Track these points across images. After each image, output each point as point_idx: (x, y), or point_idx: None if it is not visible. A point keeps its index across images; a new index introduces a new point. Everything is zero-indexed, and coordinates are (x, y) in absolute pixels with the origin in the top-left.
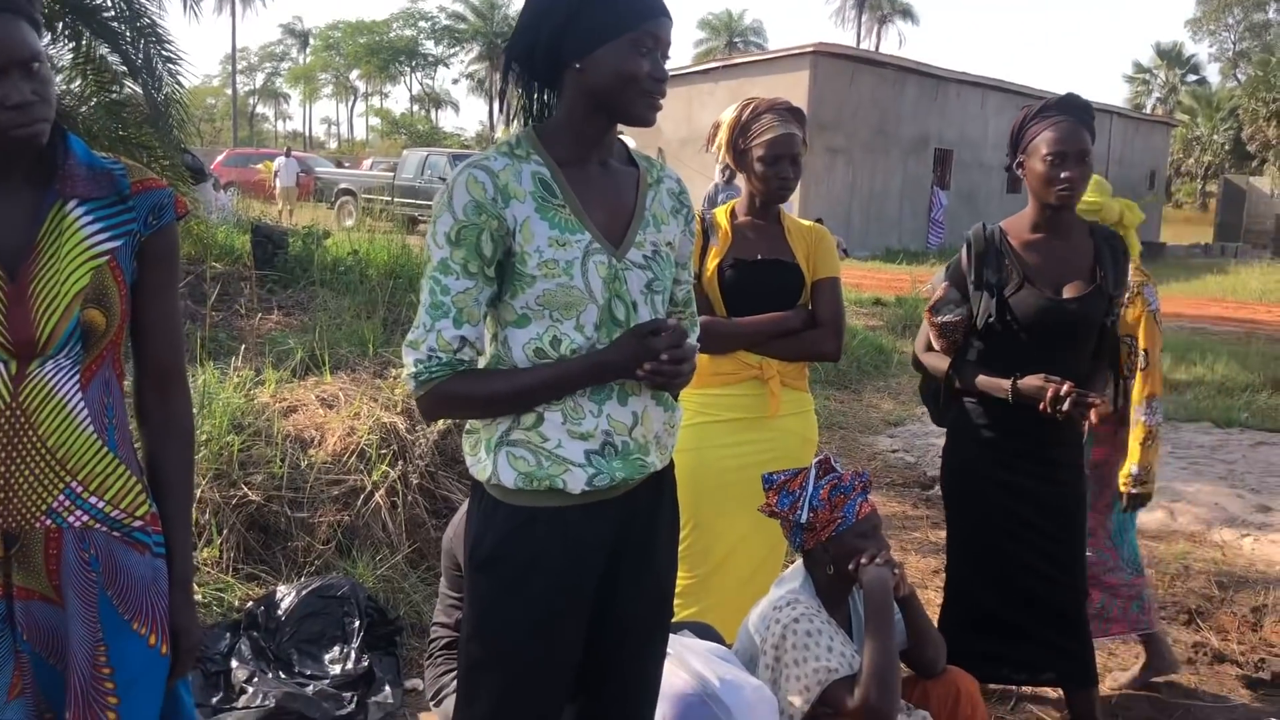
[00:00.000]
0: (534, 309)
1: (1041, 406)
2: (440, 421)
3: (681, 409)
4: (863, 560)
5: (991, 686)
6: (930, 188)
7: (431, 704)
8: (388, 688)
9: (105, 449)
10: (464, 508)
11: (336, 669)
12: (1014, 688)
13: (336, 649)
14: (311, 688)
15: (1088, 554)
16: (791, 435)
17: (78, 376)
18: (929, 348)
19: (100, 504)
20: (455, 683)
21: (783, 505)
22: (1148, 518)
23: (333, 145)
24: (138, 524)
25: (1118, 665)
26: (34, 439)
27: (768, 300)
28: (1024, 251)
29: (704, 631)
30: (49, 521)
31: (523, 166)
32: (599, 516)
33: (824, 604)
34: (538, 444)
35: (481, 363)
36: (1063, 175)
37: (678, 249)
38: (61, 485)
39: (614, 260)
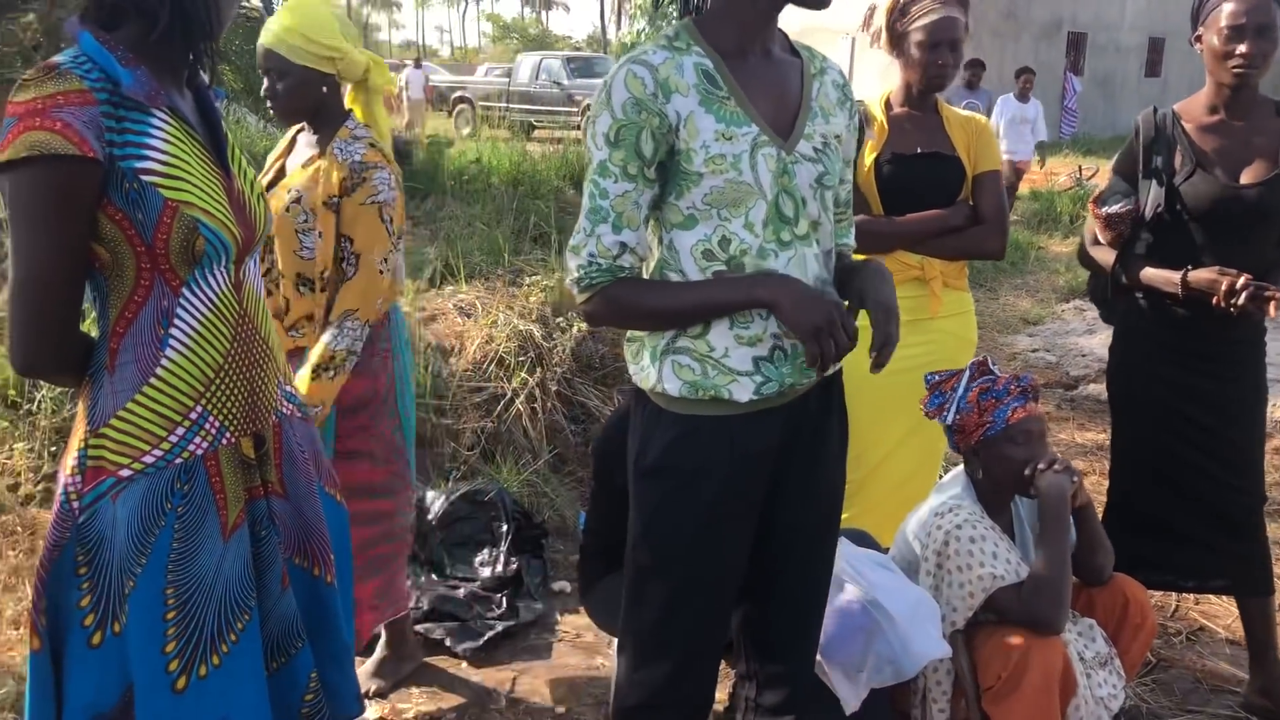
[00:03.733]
0: (700, 209)
1: (1215, 301)
2: (576, 328)
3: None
4: (1040, 466)
5: (1154, 594)
6: (1063, 74)
7: (587, 608)
8: (536, 591)
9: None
10: (617, 411)
11: (486, 571)
12: (1176, 595)
13: (486, 552)
14: (463, 590)
15: None
16: (950, 337)
17: (258, 271)
18: (1096, 241)
19: (290, 389)
20: (608, 587)
21: (932, 404)
22: None
23: (445, 53)
24: (301, 398)
25: None
26: (260, 341)
27: (928, 196)
28: (1198, 135)
29: (860, 538)
30: (274, 417)
31: (684, 59)
32: (766, 424)
33: (986, 510)
34: (704, 352)
35: (649, 267)
36: (1239, 50)
37: (844, 144)
38: (276, 379)
39: (783, 153)
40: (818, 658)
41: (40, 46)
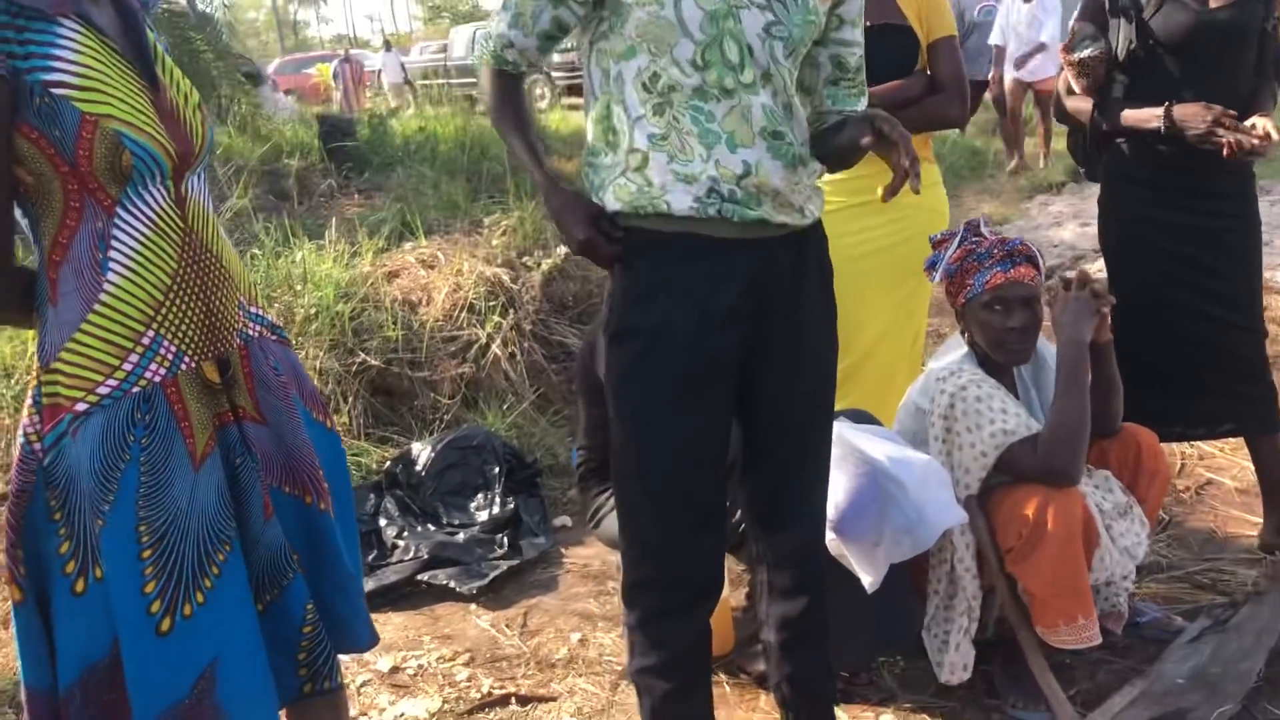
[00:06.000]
0: (635, 40)
1: (1226, 151)
2: (543, 268)
3: (817, 165)
4: (1062, 292)
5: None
6: None
7: (591, 527)
8: (537, 527)
9: (236, 255)
10: (594, 324)
11: (483, 515)
12: (1181, 455)
13: (480, 496)
14: (462, 535)
15: None
16: (920, 210)
17: (206, 186)
18: (1070, 92)
19: (256, 310)
20: (608, 502)
21: (927, 266)
22: None
23: (378, 41)
24: (276, 320)
25: None
26: (211, 258)
27: (881, 69)
28: None
29: (860, 417)
30: (238, 339)
31: None
32: (726, 276)
33: (988, 372)
34: (641, 185)
35: (591, 105)
36: None
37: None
38: (236, 300)
39: None
40: (832, 535)
41: None
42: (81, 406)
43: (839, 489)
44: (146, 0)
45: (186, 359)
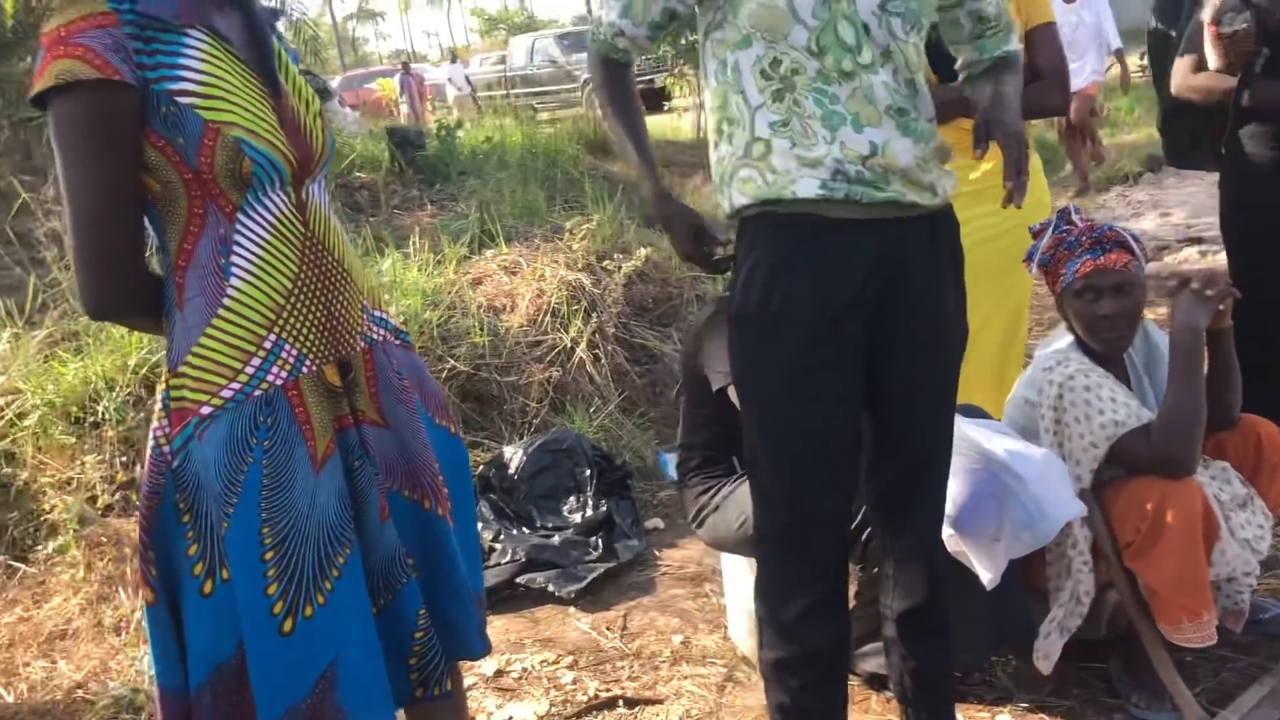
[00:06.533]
0: (749, 30)
1: None
2: (623, 272)
3: (939, 143)
4: (1184, 287)
5: None
6: None
7: (695, 527)
8: (629, 530)
9: (360, 260)
10: (701, 318)
11: (577, 517)
12: None
13: (573, 499)
14: (557, 538)
15: None
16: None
17: (326, 194)
18: (1199, 68)
19: (381, 314)
20: (713, 501)
21: (1025, 257)
22: None
23: (435, 55)
24: (400, 325)
25: None
26: (334, 262)
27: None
28: None
29: (971, 412)
30: (362, 343)
31: None
32: (851, 257)
33: (1095, 361)
34: (766, 174)
35: (709, 97)
36: None
37: None
38: (359, 304)
39: None
40: (950, 531)
41: None
42: (206, 410)
43: (957, 484)
44: (277, 9)
45: (308, 362)
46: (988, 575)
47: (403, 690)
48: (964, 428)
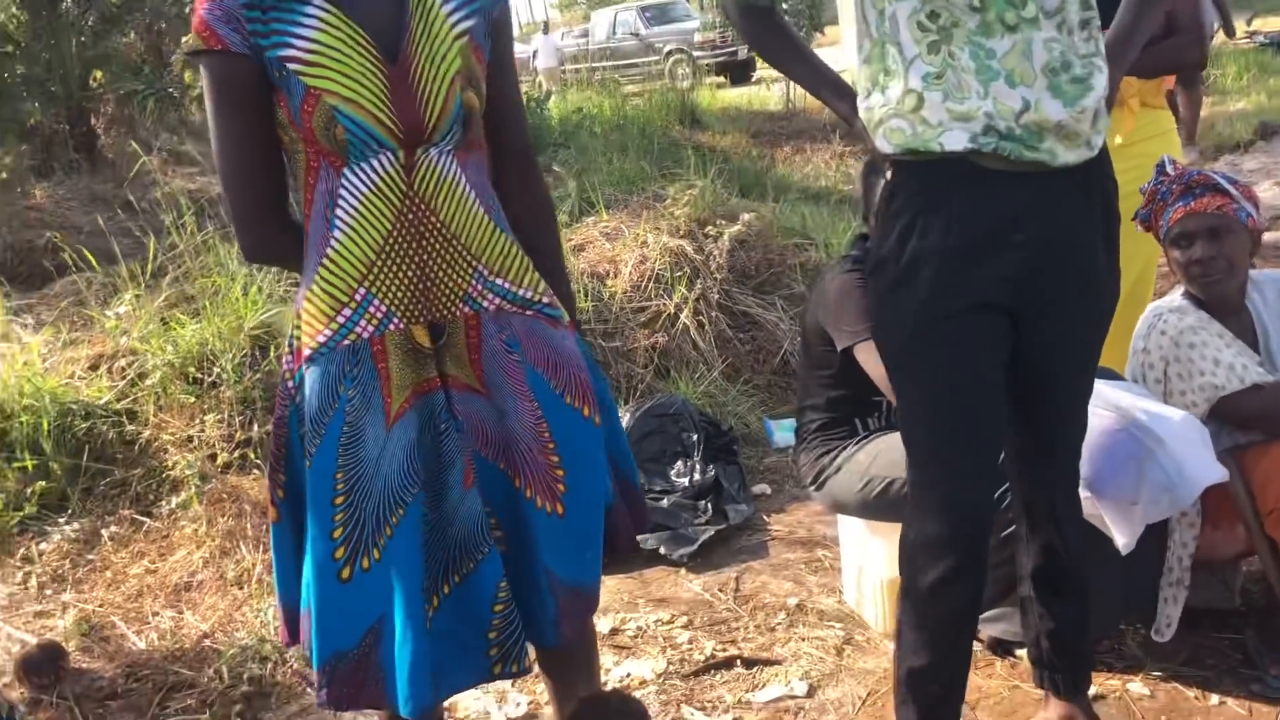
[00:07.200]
0: None
1: None
2: (726, 238)
3: (1101, 88)
4: None
5: None
6: None
7: (813, 489)
8: (737, 494)
9: (498, 229)
10: (826, 278)
11: (684, 481)
12: None
13: (680, 463)
14: (666, 500)
15: None
16: (1151, 159)
17: (458, 160)
18: None
19: (506, 284)
20: (834, 463)
21: (1134, 216)
22: None
23: (515, 30)
24: (545, 300)
25: None
26: (437, 225)
27: (1112, 9)
28: None
29: (1105, 374)
30: (466, 308)
31: None
32: (994, 204)
33: (1214, 315)
34: (915, 125)
35: (865, 46)
36: None
37: None
38: (470, 270)
39: None
40: (1086, 494)
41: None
42: (307, 351)
43: (1094, 445)
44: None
45: (395, 320)
46: (1123, 539)
47: (480, 667)
48: (1101, 388)
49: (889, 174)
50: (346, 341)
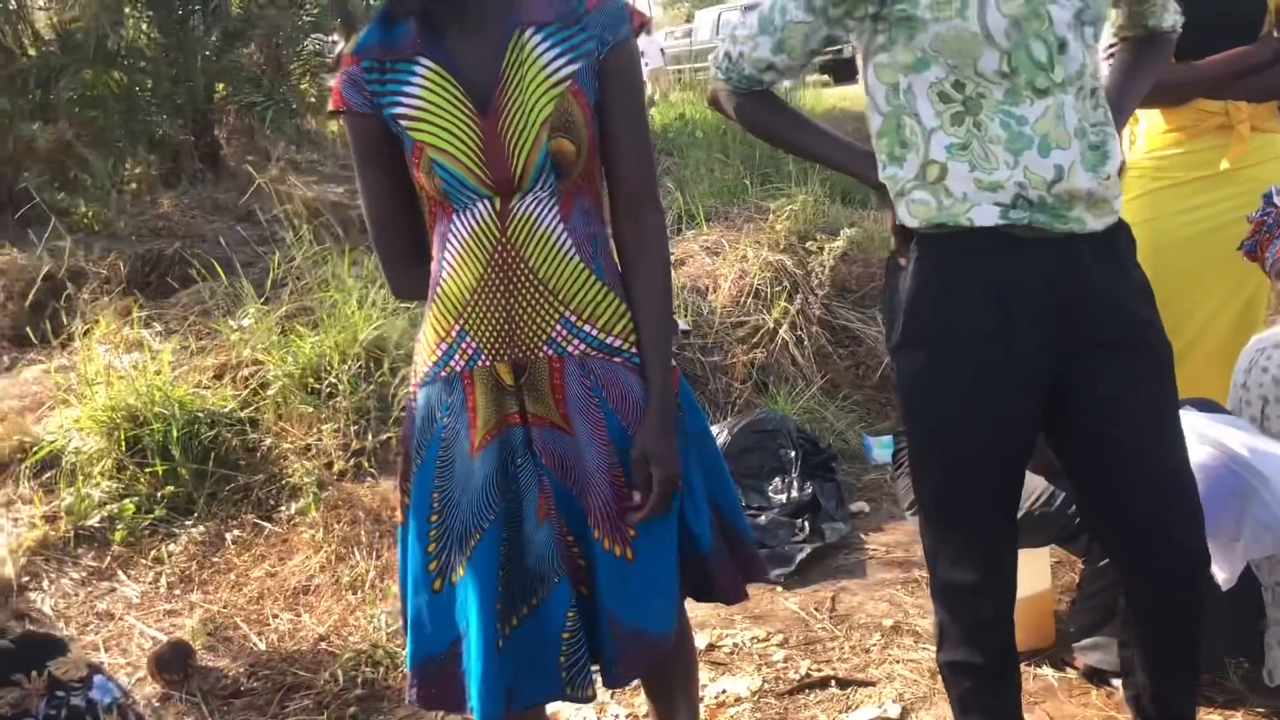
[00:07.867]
0: (930, 53)
1: None
2: (828, 252)
3: (1120, 155)
4: None
5: None
6: None
7: (908, 514)
8: (834, 512)
9: (593, 277)
10: None
11: (781, 499)
12: None
13: (778, 480)
14: (763, 517)
15: None
16: (1261, 185)
17: (557, 207)
18: None
19: (594, 331)
20: None
21: (1239, 246)
22: None
23: None
24: (632, 349)
25: None
26: (526, 271)
27: (1224, 35)
28: None
29: (1206, 406)
30: (550, 351)
31: None
32: (1028, 272)
33: None
34: (940, 198)
35: (876, 120)
36: None
37: None
38: (557, 315)
39: None
40: None
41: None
42: (417, 379)
43: (1196, 481)
44: (529, 22)
45: (483, 357)
46: (1224, 575)
47: (553, 683)
48: (1199, 423)
49: (913, 248)
50: (444, 373)
